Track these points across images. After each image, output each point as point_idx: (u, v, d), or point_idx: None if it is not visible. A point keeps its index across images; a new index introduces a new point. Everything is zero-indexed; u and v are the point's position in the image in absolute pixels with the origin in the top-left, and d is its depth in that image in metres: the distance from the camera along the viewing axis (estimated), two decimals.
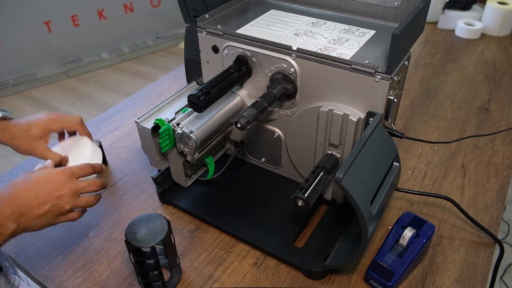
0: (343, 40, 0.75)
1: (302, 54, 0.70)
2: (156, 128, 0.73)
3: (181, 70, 1.31)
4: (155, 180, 0.85)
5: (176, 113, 0.77)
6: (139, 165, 0.97)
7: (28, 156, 0.70)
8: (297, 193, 0.64)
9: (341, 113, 0.68)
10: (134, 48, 3.21)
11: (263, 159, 0.89)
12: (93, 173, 0.63)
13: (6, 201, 0.49)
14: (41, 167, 0.63)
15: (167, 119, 0.74)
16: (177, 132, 0.72)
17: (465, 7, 1.63)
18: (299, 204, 0.65)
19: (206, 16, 0.81)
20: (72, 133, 0.75)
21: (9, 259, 0.74)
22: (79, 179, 0.60)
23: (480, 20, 1.61)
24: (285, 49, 0.71)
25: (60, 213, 0.55)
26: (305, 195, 0.63)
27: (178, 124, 0.73)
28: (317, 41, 0.75)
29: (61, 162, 0.66)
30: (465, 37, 1.56)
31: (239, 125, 0.65)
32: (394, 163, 0.70)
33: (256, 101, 0.68)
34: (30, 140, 0.66)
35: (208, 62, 0.83)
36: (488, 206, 0.85)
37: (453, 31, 1.61)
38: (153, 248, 0.62)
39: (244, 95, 0.81)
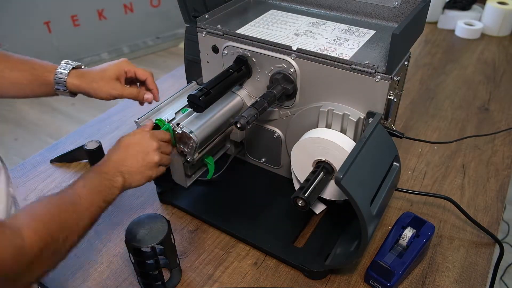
0: (343, 40, 0.75)
1: (302, 54, 0.70)
2: (156, 128, 0.73)
3: (181, 70, 1.31)
4: (155, 180, 0.85)
5: (176, 113, 0.77)
6: None
7: (28, 155, 0.70)
8: (297, 193, 0.64)
9: (341, 113, 0.68)
10: (134, 48, 3.21)
11: (263, 159, 0.89)
12: (169, 139, 0.72)
13: (109, 164, 0.63)
14: (140, 128, 0.71)
15: (167, 119, 0.74)
16: (177, 132, 0.72)
17: (465, 7, 1.63)
18: (299, 204, 0.65)
19: (206, 16, 0.81)
20: (141, 83, 0.79)
21: None
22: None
23: (480, 20, 1.61)
24: (285, 49, 0.71)
25: (151, 166, 0.66)
26: (305, 195, 0.63)
27: (178, 124, 0.73)
28: (317, 41, 0.75)
29: (137, 95, 0.75)
30: (465, 37, 1.57)
31: (239, 125, 0.65)
32: (394, 163, 0.70)
33: (256, 101, 0.68)
34: (109, 81, 0.73)
35: (208, 62, 0.83)
36: (488, 206, 0.85)
37: (453, 31, 1.61)
38: (153, 248, 0.62)
39: (244, 95, 0.81)
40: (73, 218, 0.54)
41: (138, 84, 0.81)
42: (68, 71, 0.74)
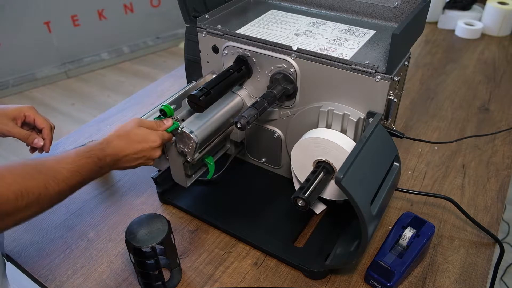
0: (343, 40, 0.75)
1: (302, 54, 0.70)
2: (163, 114, 0.72)
3: (181, 70, 1.31)
4: (155, 180, 0.85)
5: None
6: None
7: (29, 156, 0.71)
8: (298, 193, 0.64)
9: (341, 113, 0.68)
10: (134, 48, 3.21)
11: (263, 159, 0.89)
12: (170, 137, 0.72)
13: (109, 151, 0.63)
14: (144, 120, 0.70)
15: (175, 107, 0.73)
16: (177, 132, 0.72)
17: (465, 7, 1.63)
18: (299, 204, 0.65)
19: (206, 16, 0.81)
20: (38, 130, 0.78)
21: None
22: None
23: (480, 20, 1.61)
24: (285, 49, 0.71)
25: (150, 160, 0.69)
26: (306, 195, 0.63)
27: (183, 120, 0.73)
28: (317, 41, 0.75)
29: (26, 138, 0.75)
30: (465, 37, 1.57)
31: (239, 125, 0.65)
32: (394, 163, 0.70)
33: (256, 101, 0.68)
34: (2, 118, 0.73)
35: (208, 62, 0.83)
36: (488, 206, 0.85)
37: (453, 31, 1.61)
38: (153, 248, 0.62)
39: (244, 95, 0.81)
40: (47, 190, 0.55)
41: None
42: None
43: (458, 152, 1.00)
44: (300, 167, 0.73)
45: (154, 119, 0.72)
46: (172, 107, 0.72)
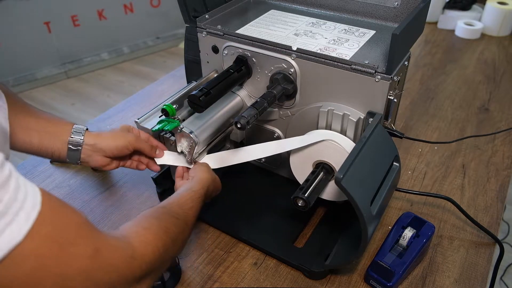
0: (343, 40, 0.75)
1: (302, 54, 0.70)
2: (165, 114, 0.72)
3: (181, 70, 1.31)
4: (155, 180, 0.85)
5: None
6: None
7: (28, 156, 0.70)
8: (297, 193, 0.64)
9: (341, 113, 0.68)
10: (134, 48, 3.21)
11: (263, 159, 0.89)
12: None
13: (207, 191, 0.70)
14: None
15: (177, 106, 0.73)
16: (177, 132, 0.72)
17: (465, 7, 1.63)
18: (299, 204, 0.65)
19: (206, 16, 0.81)
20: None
21: None
22: None
23: (480, 20, 1.61)
24: (285, 49, 0.71)
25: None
26: (305, 195, 0.63)
27: (183, 120, 0.73)
28: (317, 41, 0.75)
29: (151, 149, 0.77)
30: (465, 37, 1.57)
31: (239, 125, 0.65)
32: (394, 163, 0.70)
33: (256, 101, 0.68)
34: (123, 131, 0.74)
35: (208, 62, 0.83)
36: (488, 206, 0.85)
37: (453, 31, 1.61)
38: None
39: (244, 95, 0.81)
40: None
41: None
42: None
43: (458, 152, 1.00)
44: (300, 167, 0.73)
45: (158, 122, 0.72)
46: (174, 107, 0.72)
